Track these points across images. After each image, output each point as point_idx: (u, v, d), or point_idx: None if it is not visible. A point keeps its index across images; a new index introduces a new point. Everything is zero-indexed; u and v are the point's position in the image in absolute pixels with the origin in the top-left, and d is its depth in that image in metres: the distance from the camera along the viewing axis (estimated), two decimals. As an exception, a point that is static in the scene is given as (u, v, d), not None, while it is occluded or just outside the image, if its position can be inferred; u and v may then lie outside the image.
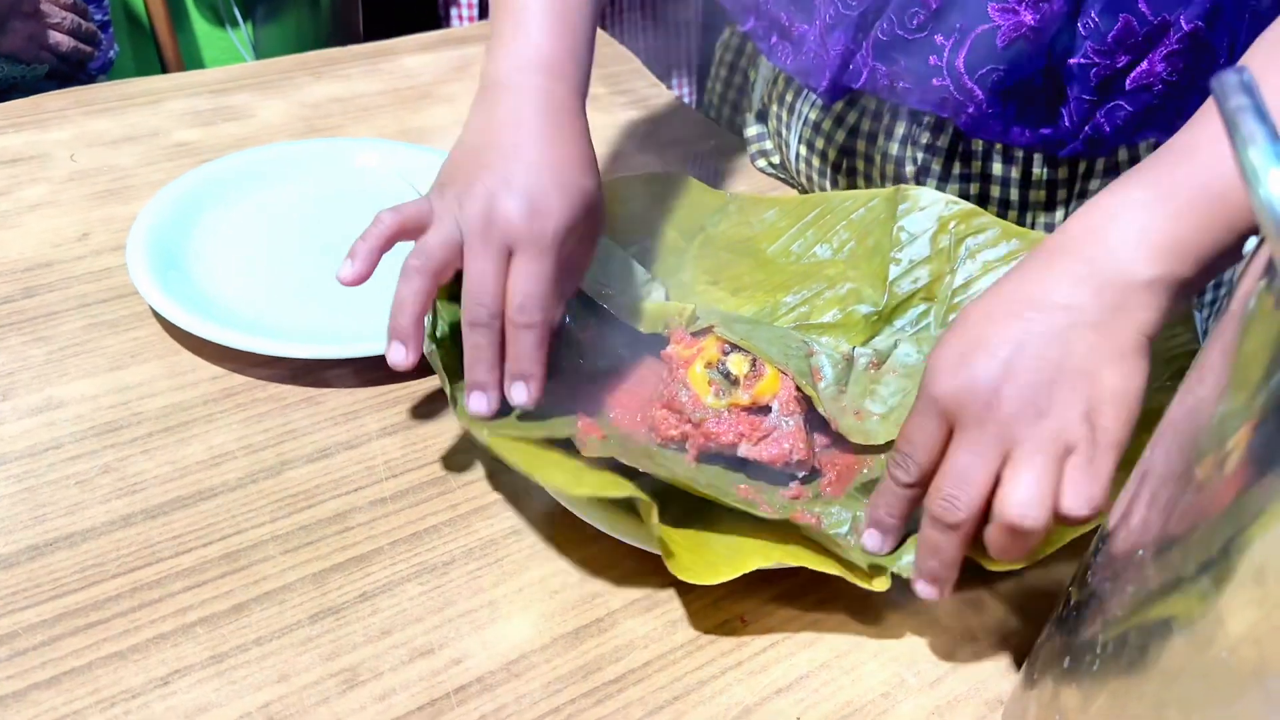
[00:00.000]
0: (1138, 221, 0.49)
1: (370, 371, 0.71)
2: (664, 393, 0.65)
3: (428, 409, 0.69)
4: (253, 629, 0.54)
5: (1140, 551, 0.40)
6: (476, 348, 0.59)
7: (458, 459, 0.65)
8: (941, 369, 0.50)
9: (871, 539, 0.56)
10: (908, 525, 0.55)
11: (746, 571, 0.53)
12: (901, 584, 0.55)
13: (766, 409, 0.63)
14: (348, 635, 0.54)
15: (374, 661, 0.53)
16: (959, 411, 0.49)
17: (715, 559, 0.55)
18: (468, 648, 0.54)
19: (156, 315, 0.74)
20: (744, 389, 0.63)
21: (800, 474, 0.63)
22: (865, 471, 0.64)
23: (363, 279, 0.60)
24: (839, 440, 0.66)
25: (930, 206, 0.75)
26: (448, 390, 0.59)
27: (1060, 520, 0.48)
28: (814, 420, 0.66)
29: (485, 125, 0.63)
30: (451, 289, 0.63)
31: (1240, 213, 0.48)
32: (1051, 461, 0.47)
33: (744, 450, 0.62)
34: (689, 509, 0.58)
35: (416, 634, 0.55)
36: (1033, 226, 0.84)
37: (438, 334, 0.62)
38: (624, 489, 0.54)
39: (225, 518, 0.60)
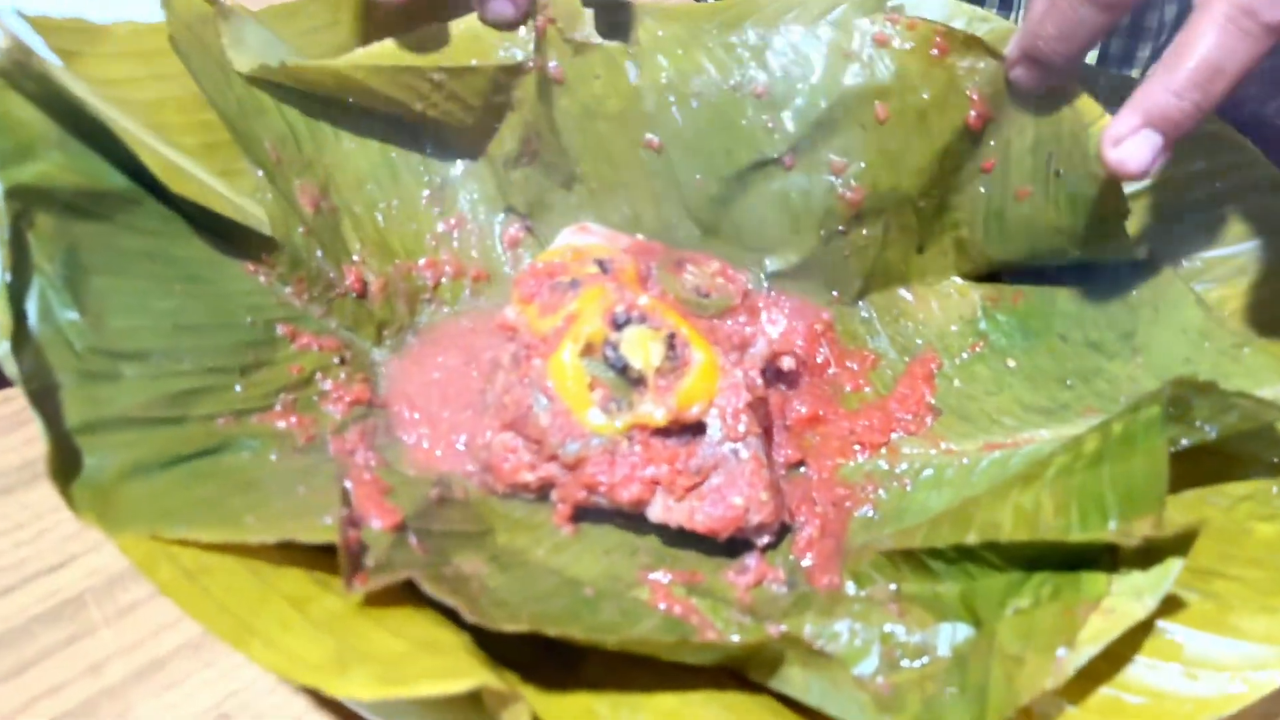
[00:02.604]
0: None
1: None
2: (506, 400, 0.35)
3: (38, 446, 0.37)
4: None
5: None
6: None
7: (108, 550, 0.34)
8: None
9: (1145, 144, 0.33)
10: None
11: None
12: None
13: (698, 428, 0.34)
14: None
15: None
16: None
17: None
18: None
19: None
20: (656, 394, 0.34)
21: (762, 540, 0.35)
22: (868, 513, 0.37)
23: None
24: (817, 447, 0.38)
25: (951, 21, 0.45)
26: (45, 435, 0.27)
27: None
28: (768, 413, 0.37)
29: None
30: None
31: None
32: None
33: (659, 512, 0.34)
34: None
35: None
36: None
37: (32, 318, 0.29)
38: (450, 670, 0.24)
39: None
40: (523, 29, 0.40)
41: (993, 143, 0.39)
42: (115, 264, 0.31)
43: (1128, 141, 0.33)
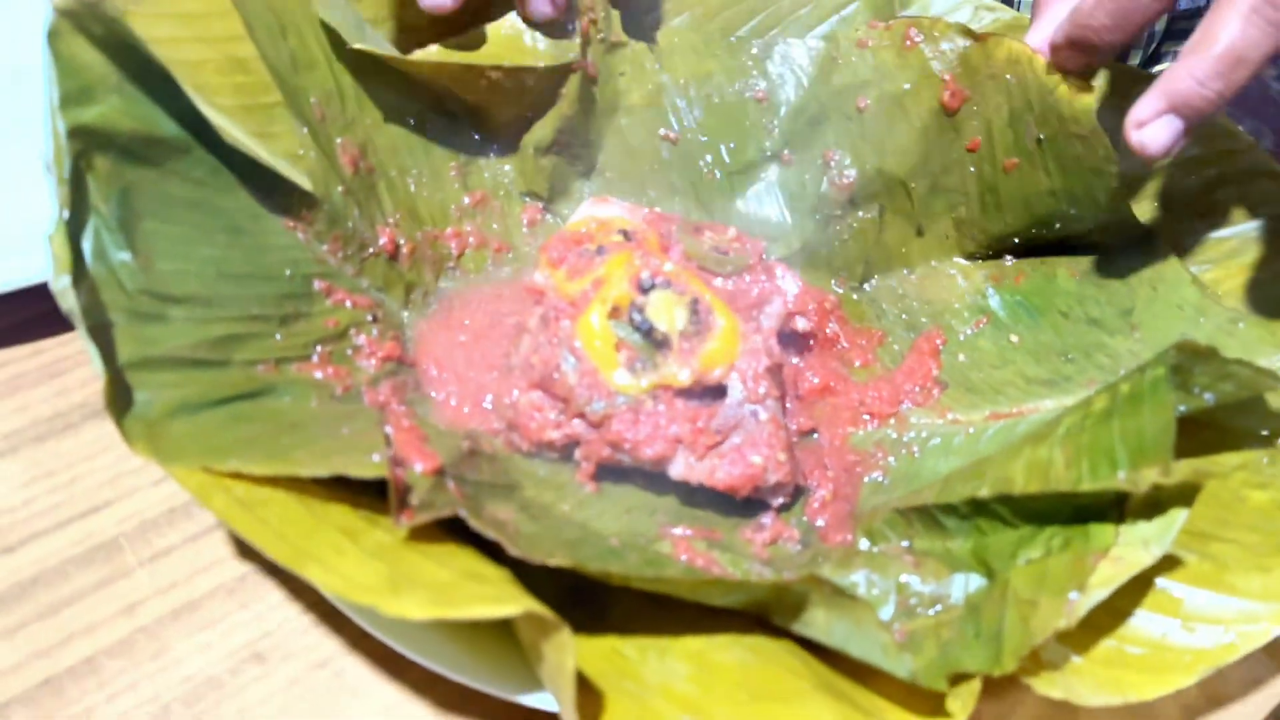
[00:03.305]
0: None
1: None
2: (534, 360, 0.36)
3: (77, 395, 0.37)
4: None
5: None
6: None
7: (141, 497, 0.35)
8: None
9: (1167, 128, 0.34)
10: None
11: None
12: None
13: (719, 390, 0.35)
14: None
15: None
16: None
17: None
18: None
19: None
20: (679, 356, 0.35)
21: (777, 501, 0.36)
22: (879, 478, 0.38)
23: None
24: (829, 416, 0.40)
25: (956, 11, 0.47)
26: (100, 367, 0.28)
27: None
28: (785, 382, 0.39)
29: None
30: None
31: None
32: None
33: (680, 469, 0.35)
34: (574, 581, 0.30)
35: None
36: None
37: (87, 256, 0.30)
38: (496, 596, 0.25)
39: None
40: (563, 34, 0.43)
41: (975, 122, 0.41)
42: (163, 210, 0.32)
43: (1150, 125, 0.34)
